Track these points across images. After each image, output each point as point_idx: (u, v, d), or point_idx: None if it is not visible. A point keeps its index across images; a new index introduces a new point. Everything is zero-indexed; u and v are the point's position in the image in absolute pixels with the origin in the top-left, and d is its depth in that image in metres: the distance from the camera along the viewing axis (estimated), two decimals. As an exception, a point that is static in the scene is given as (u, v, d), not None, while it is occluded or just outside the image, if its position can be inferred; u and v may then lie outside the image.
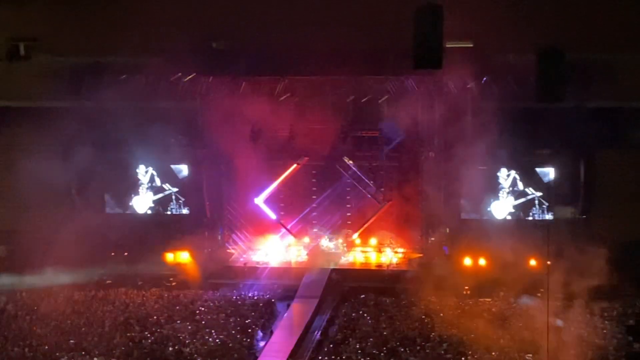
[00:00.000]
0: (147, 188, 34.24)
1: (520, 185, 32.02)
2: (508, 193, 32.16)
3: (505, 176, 32.08)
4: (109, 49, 30.31)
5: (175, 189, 34.07)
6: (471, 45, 28.93)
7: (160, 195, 34.17)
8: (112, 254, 32.11)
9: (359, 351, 23.20)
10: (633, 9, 28.16)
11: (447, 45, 20.96)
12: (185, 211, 34.22)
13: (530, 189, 31.98)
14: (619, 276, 28.11)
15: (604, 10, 28.16)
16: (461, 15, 22.92)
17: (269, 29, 28.55)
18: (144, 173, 34.21)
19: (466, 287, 28.71)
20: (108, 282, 30.30)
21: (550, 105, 27.04)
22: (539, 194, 31.93)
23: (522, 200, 32.05)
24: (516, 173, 32.04)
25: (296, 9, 28.33)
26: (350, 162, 33.91)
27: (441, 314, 26.32)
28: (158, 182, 34.15)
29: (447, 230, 32.00)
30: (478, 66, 28.69)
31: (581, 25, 27.77)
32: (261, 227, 34.87)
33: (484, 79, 29.59)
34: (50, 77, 31.22)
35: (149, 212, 34.36)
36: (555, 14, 28.05)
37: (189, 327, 25.22)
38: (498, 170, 32.11)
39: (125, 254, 32.17)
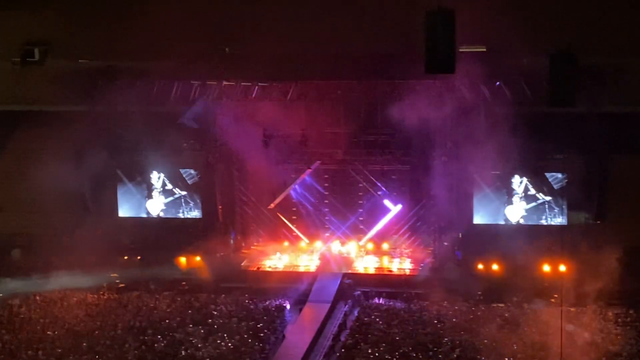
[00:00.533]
0: (160, 192, 34.36)
1: (533, 190, 31.89)
2: (521, 198, 32.05)
3: (518, 181, 31.96)
4: (122, 54, 30.47)
5: (184, 192, 34.11)
6: (484, 50, 28.89)
7: (171, 198, 34.25)
8: (125, 257, 32.20)
9: (371, 356, 23.16)
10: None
11: (460, 50, 20.98)
12: (197, 215, 34.32)
13: (542, 194, 31.84)
14: (633, 281, 28.03)
15: (616, 15, 28.09)
16: (473, 19, 22.90)
17: (281, 34, 28.60)
18: (157, 178, 34.35)
19: (479, 292, 28.63)
20: (121, 285, 30.37)
21: (563, 109, 26.94)
22: (548, 198, 31.77)
23: (534, 204, 31.91)
24: (529, 178, 31.91)
25: (308, 14, 28.40)
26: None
27: (454, 319, 26.26)
28: (170, 186, 34.25)
29: (460, 235, 31.92)
30: (490, 70, 28.66)
31: (594, 30, 27.69)
32: (273, 231, 34.94)
33: (497, 83, 29.54)
34: (63, 81, 31.39)
35: (162, 215, 34.47)
36: (568, 18, 27.99)
37: (202, 331, 25.24)
38: (511, 175, 32.02)
39: (139, 257, 32.27)
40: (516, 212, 32.12)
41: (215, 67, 30.35)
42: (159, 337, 24.86)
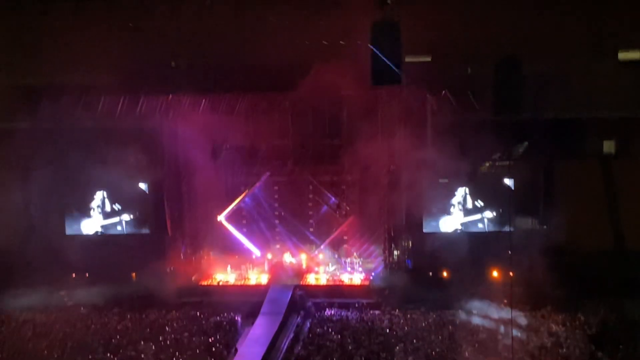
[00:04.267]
0: (100, 210, 33.49)
1: (478, 199, 32.06)
2: (465, 206, 32.13)
3: (464, 189, 32.06)
4: (66, 70, 30.01)
5: (126, 217, 33.30)
6: (429, 60, 29.12)
7: (116, 219, 33.48)
8: (73, 275, 31.66)
9: (324, 367, 23.18)
10: (587, 21, 28.60)
11: (406, 60, 21.13)
12: (146, 230, 33.77)
13: (482, 203, 31.90)
14: (580, 286, 28.49)
15: (559, 22, 28.56)
16: (418, 30, 23.11)
17: (227, 47, 28.53)
18: (101, 194, 33.55)
19: (430, 300, 28.84)
20: (69, 304, 29.87)
21: (508, 117, 27.31)
22: (489, 215, 31.86)
23: (477, 216, 31.99)
24: (474, 186, 32.03)
25: (254, 27, 28.36)
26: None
27: (405, 327, 26.42)
28: (112, 204, 33.46)
29: (410, 244, 32.10)
30: (436, 80, 28.96)
31: (537, 37, 28.10)
32: (224, 244, 34.73)
33: (443, 92, 29.83)
34: (6, 98, 30.83)
35: (110, 232, 33.79)
36: (512, 26, 28.37)
37: (153, 348, 24.96)
38: (458, 183, 32.22)
39: (87, 275, 31.76)
40: (463, 220, 32.13)
41: (161, 81, 30.11)
42: (110, 355, 24.53)
